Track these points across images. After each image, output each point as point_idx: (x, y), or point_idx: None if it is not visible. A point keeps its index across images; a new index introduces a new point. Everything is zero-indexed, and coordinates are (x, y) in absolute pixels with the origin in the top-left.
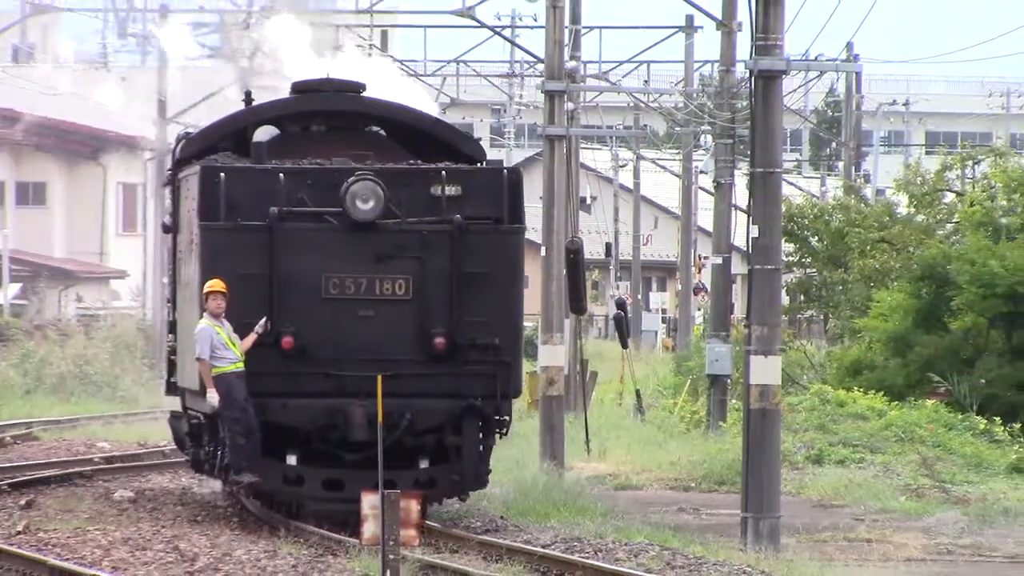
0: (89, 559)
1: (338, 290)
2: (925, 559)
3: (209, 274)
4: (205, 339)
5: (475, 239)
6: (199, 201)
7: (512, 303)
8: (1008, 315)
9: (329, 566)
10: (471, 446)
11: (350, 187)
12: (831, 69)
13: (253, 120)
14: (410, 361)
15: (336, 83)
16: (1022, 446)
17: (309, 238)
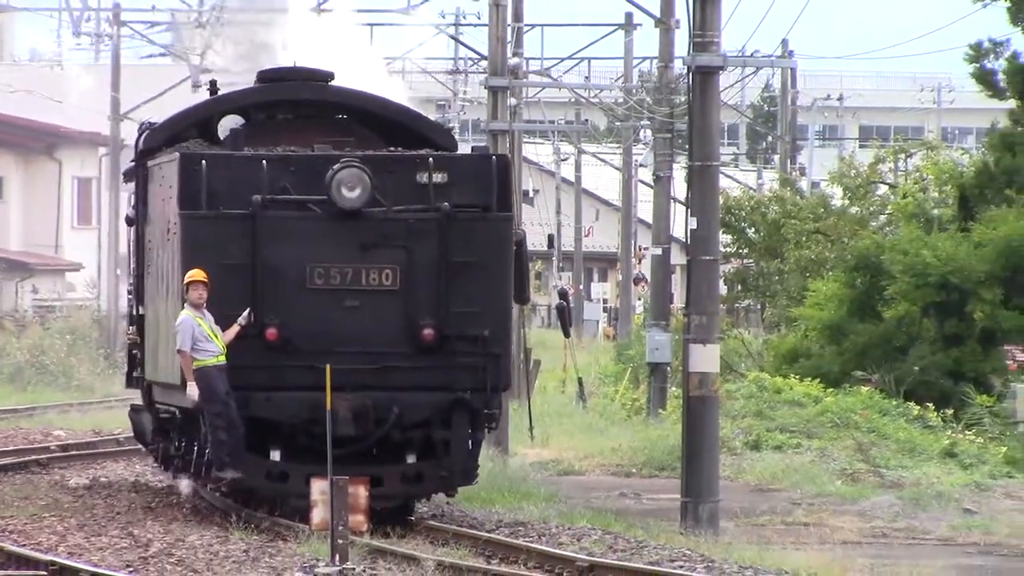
0: (45, 545)
1: (323, 280)
2: (861, 542)
3: (190, 264)
4: (187, 331)
5: (463, 227)
6: (178, 189)
7: (502, 293)
8: (940, 304)
9: (280, 550)
10: (460, 440)
11: (336, 174)
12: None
13: (219, 109)
14: (397, 353)
15: (303, 71)
16: (954, 432)
17: (293, 227)
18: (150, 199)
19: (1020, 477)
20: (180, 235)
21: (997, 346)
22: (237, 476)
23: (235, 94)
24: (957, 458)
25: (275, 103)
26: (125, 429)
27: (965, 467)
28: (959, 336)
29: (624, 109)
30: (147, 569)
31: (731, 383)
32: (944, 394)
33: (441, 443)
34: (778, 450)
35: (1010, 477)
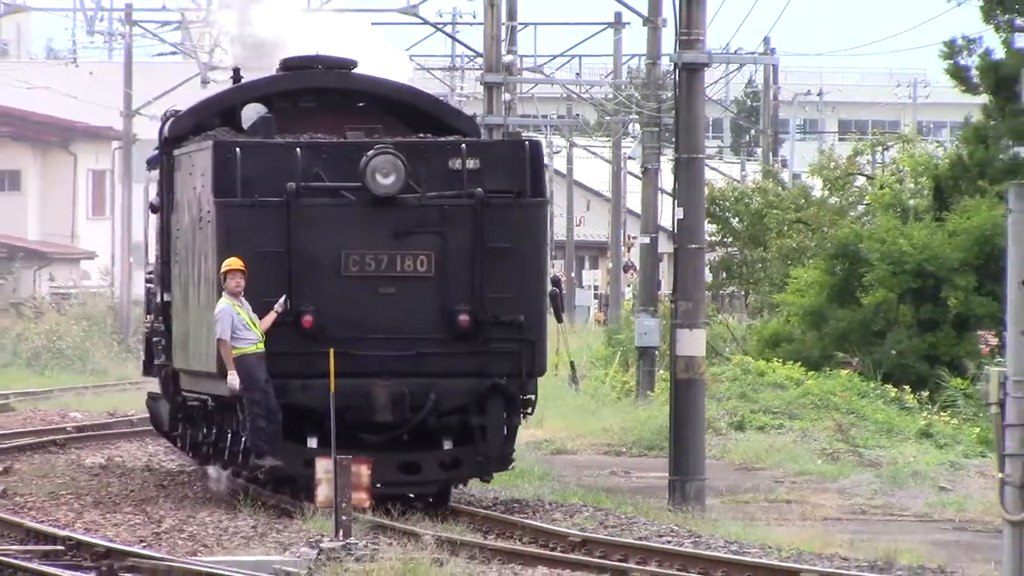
0: (63, 521)
1: (358, 267)
2: (841, 518)
3: (226, 252)
4: (226, 319)
5: (497, 213)
6: (213, 177)
7: (536, 279)
8: (916, 290)
9: (286, 527)
10: (496, 426)
11: (370, 161)
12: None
13: (243, 98)
14: (433, 340)
15: (326, 60)
16: (930, 413)
17: (327, 214)
18: (176, 187)
19: (992, 457)
20: (215, 223)
21: (971, 331)
22: (276, 464)
23: (260, 82)
24: (932, 438)
25: (299, 91)
26: (138, 411)
27: (940, 447)
28: (934, 321)
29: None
30: (159, 544)
31: (716, 366)
32: (920, 377)
33: (478, 429)
34: (761, 431)
35: (983, 456)
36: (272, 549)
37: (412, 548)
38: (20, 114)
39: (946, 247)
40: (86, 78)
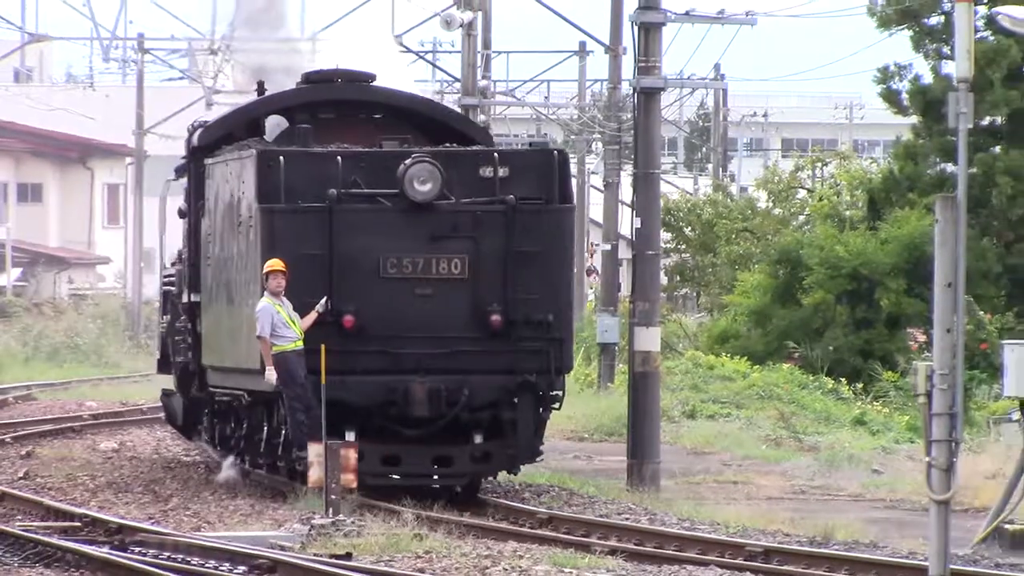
0: (79, 500)
1: (396, 270)
2: (783, 498)
3: (270, 255)
4: (266, 318)
5: (527, 218)
6: (257, 184)
7: (564, 281)
8: (851, 292)
9: (281, 505)
10: (526, 421)
11: (408, 169)
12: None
13: (266, 110)
14: (466, 338)
15: (347, 73)
16: (864, 403)
17: (367, 219)
18: (209, 193)
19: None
20: (260, 228)
21: (901, 329)
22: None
23: (283, 94)
24: (866, 425)
25: (323, 103)
26: (148, 400)
27: (873, 433)
28: (868, 320)
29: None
30: (167, 520)
31: (671, 360)
32: (855, 370)
33: (508, 423)
34: (711, 419)
35: (911, 442)
36: (268, 525)
37: (395, 525)
38: (42, 133)
39: (879, 253)
40: (102, 100)
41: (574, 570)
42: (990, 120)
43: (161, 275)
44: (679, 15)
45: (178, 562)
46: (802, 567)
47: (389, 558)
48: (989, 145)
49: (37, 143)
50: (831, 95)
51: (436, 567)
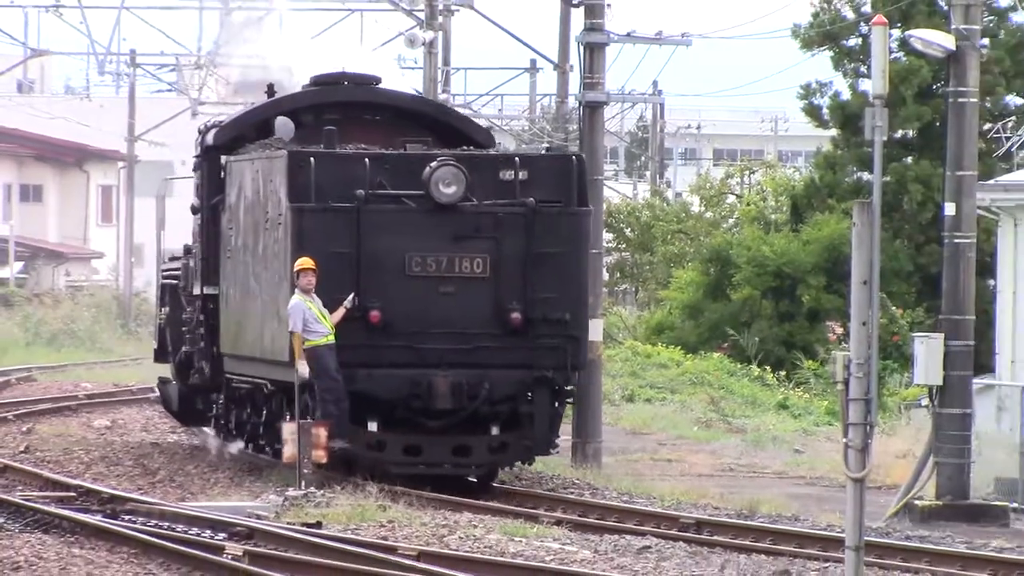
0: (75, 472)
1: (420, 268)
2: (713, 475)
3: (300, 252)
4: (297, 314)
5: (547, 221)
6: (288, 184)
7: (580, 281)
8: (775, 288)
9: (258, 478)
10: (542, 414)
11: (434, 172)
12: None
13: (275, 111)
14: (487, 335)
15: (353, 76)
16: (787, 389)
17: (393, 219)
18: (230, 191)
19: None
20: (290, 225)
21: (821, 322)
22: (345, 446)
23: (294, 96)
24: (789, 409)
25: (329, 105)
26: (138, 382)
27: (795, 417)
28: (791, 314)
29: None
30: (154, 491)
31: (611, 349)
32: (779, 359)
33: (525, 416)
34: (648, 402)
35: (830, 425)
36: (246, 496)
37: (361, 497)
38: (43, 139)
39: (801, 253)
40: (97, 110)
41: (523, 539)
42: (903, 133)
43: (159, 269)
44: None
45: (164, 529)
46: (730, 537)
47: (356, 526)
48: (901, 156)
49: (38, 148)
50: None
51: (398, 535)
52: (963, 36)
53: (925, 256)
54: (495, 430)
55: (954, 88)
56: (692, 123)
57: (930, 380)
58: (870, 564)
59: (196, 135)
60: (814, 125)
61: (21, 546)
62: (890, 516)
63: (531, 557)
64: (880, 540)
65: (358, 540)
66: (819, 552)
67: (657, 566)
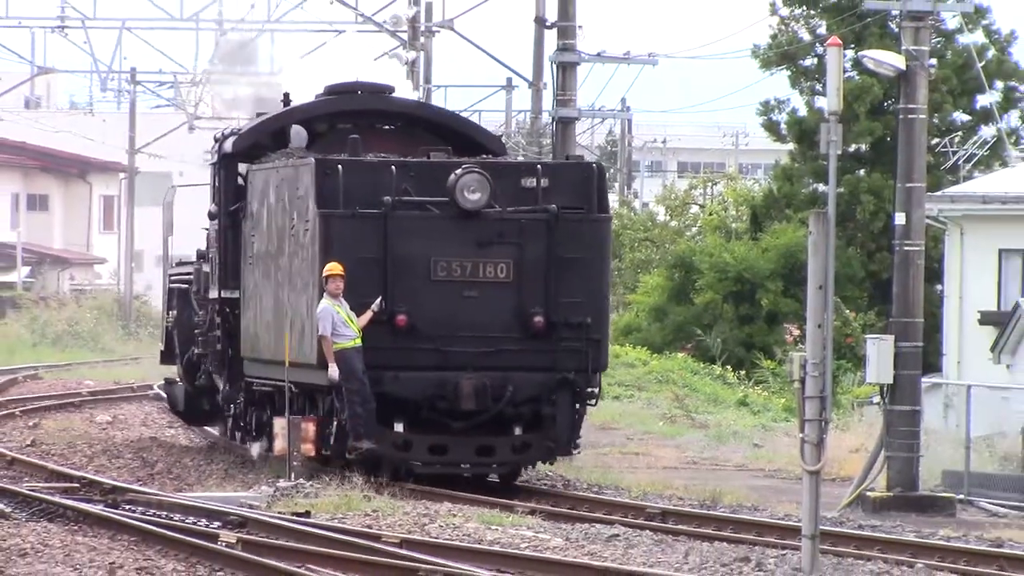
0: (78, 464)
1: (445, 273)
2: (677, 467)
3: (328, 257)
4: (326, 318)
5: (568, 227)
6: (316, 191)
7: (601, 285)
8: (736, 292)
9: (251, 470)
10: (564, 415)
11: (459, 179)
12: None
13: (290, 120)
14: (510, 338)
15: (367, 85)
16: (747, 387)
17: (419, 225)
18: (252, 198)
19: (794, 421)
20: (319, 232)
21: (778, 324)
22: (372, 446)
23: (308, 106)
24: (749, 406)
25: (343, 113)
26: (137, 380)
27: (755, 413)
28: (751, 317)
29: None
30: (153, 482)
31: None
32: (739, 359)
33: (547, 417)
34: (616, 399)
35: (787, 421)
36: (239, 487)
37: (347, 488)
38: (48, 152)
39: (760, 260)
40: (100, 124)
41: (499, 527)
42: (856, 147)
43: (167, 273)
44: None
45: (163, 518)
46: (693, 526)
47: (342, 515)
48: (855, 168)
49: (44, 160)
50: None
51: (382, 523)
52: (913, 56)
53: (877, 263)
54: (518, 431)
55: (904, 105)
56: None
57: (881, 379)
58: (825, 552)
59: (212, 143)
60: (773, 140)
61: (28, 534)
62: (844, 507)
63: (507, 544)
64: (834, 529)
65: (344, 528)
66: (777, 540)
67: (625, 553)
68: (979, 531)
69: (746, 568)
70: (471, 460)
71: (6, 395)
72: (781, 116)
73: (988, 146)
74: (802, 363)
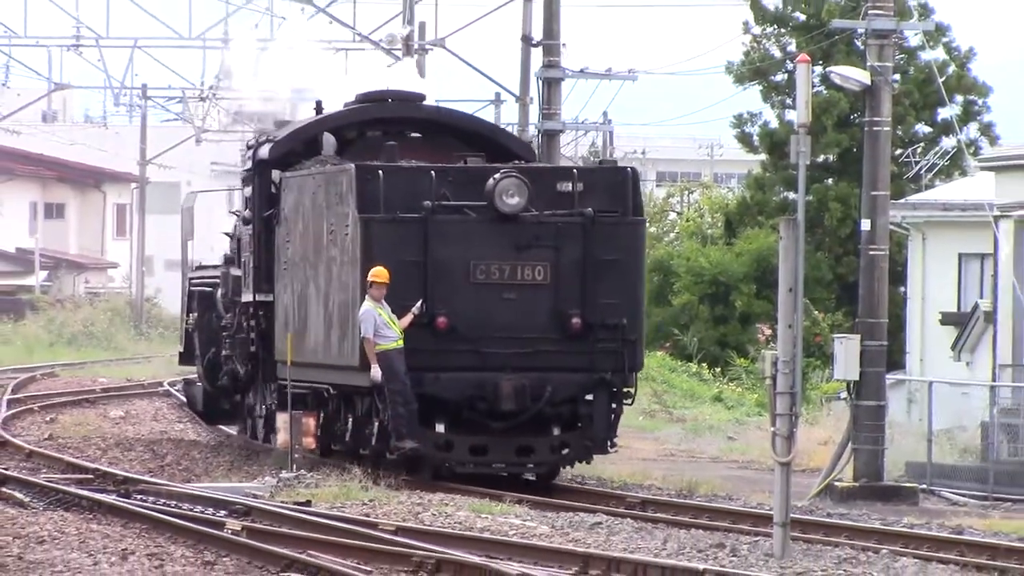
0: (92, 457)
1: (484, 276)
2: (656, 459)
3: (370, 261)
4: (369, 320)
5: (604, 230)
6: (357, 196)
7: (636, 287)
8: (711, 295)
9: (255, 462)
10: (602, 415)
11: (498, 183)
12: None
13: (321, 128)
14: (548, 339)
15: (398, 93)
16: (722, 383)
17: (458, 229)
18: (285, 203)
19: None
20: (360, 236)
21: (751, 324)
22: (415, 446)
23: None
24: (723, 402)
25: (372, 121)
26: (149, 377)
27: (729, 408)
28: (725, 317)
29: None
30: (163, 474)
31: None
32: (715, 357)
33: (585, 417)
34: None
35: (759, 415)
36: (244, 478)
37: (346, 479)
38: (64, 163)
39: (734, 264)
40: (113, 137)
41: (489, 515)
42: (824, 158)
43: (187, 276)
44: (575, 72)
45: (172, 507)
46: (671, 514)
47: (341, 505)
48: (823, 178)
49: (61, 171)
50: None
51: (378, 512)
52: (877, 72)
53: (844, 266)
54: (556, 430)
55: (869, 118)
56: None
57: (848, 375)
58: (795, 538)
59: (244, 150)
60: (746, 151)
61: (45, 522)
62: (813, 496)
63: (496, 532)
64: (804, 517)
65: (343, 516)
66: (750, 527)
67: (607, 540)
68: (940, 519)
69: (721, 553)
70: (511, 460)
71: (25, 392)
72: (754, 129)
73: (948, 157)
74: (774, 361)
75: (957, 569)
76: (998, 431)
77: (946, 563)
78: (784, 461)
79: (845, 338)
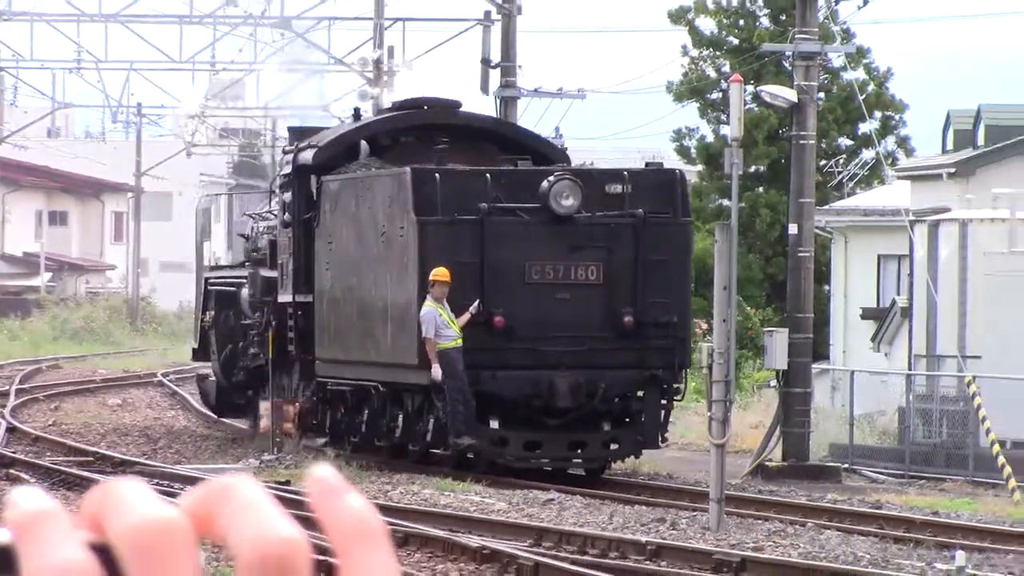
0: (92, 441)
1: (539, 276)
2: None
3: (428, 262)
4: (430, 321)
5: (654, 231)
6: (413, 199)
7: (684, 286)
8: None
9: (240, 446)
10: (653, 410)
11: (552, 186)
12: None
13: (359, 135)
14: (601, 337)
15: (433, 100)
16: None
17: (514, 230)
18: (327, 206)
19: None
20: (416, 238)
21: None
22: (472, 442)
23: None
24: None
25: (406, 128)
26: (144, 369)
27: None
28: None
29: None
30: (156, 456)
31: None
32: None
33: (636, 413)
34: None
35: (697, 401)
36: (230, 460)
37: (321, 461)
38: (67, 175)
39: None
40: (111, 151)
41: (452, 493)
42: (755, 168)
43: (202, 276)
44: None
45: (164, 486)
46: (617, 492)
47: None
48: (754, 186)
49: (63, 182)
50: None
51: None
52: (803, 91)
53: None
54: (607, 426)
55: (796, 132)
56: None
57: (778, 365)
58: (730, 513)
59: (280, 155)
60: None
61: None
62: (746, 475)
63: (458, 508)
64: (738, 494)
65: None
66: (689, 504)
67: (559, 515)
68: (861, 495)
69: (662, 527)
70: (564, 455)
71: (31, 382)
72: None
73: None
74: (710, 352)
75: (876, 540)
76: (913, 415)
77: (866, 535)
78: (719, 443)
79: (774, 331)
